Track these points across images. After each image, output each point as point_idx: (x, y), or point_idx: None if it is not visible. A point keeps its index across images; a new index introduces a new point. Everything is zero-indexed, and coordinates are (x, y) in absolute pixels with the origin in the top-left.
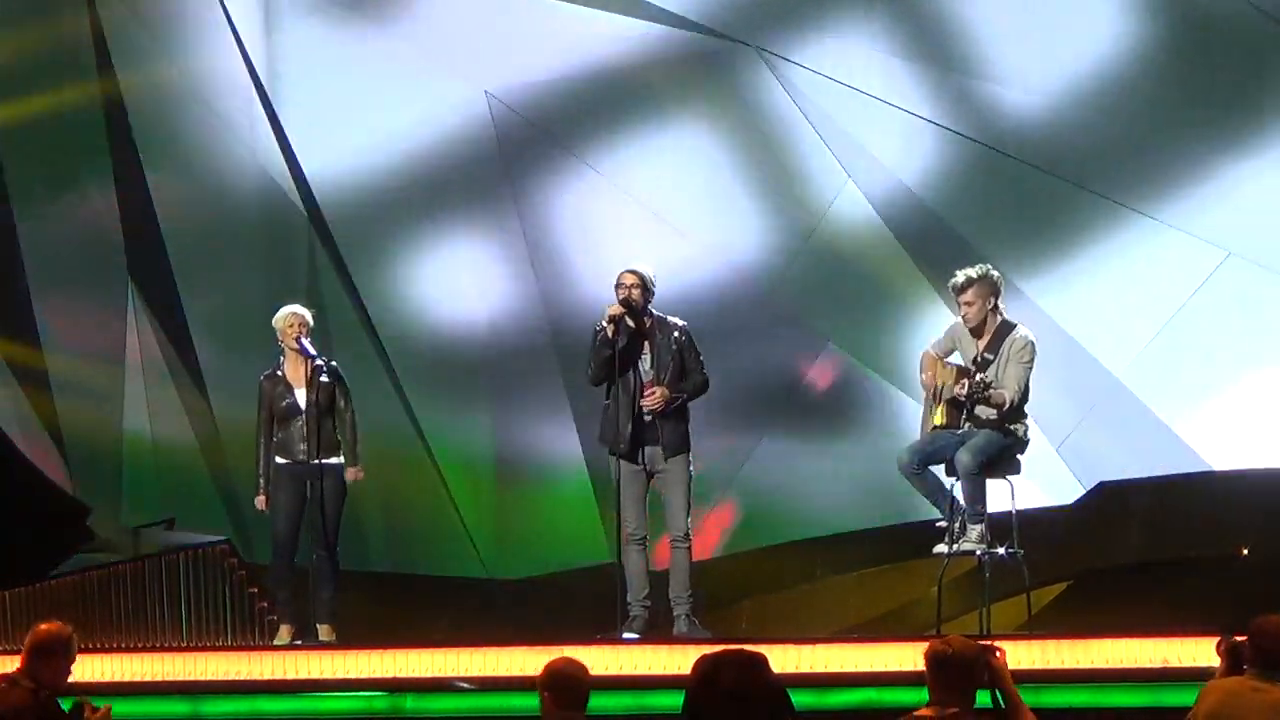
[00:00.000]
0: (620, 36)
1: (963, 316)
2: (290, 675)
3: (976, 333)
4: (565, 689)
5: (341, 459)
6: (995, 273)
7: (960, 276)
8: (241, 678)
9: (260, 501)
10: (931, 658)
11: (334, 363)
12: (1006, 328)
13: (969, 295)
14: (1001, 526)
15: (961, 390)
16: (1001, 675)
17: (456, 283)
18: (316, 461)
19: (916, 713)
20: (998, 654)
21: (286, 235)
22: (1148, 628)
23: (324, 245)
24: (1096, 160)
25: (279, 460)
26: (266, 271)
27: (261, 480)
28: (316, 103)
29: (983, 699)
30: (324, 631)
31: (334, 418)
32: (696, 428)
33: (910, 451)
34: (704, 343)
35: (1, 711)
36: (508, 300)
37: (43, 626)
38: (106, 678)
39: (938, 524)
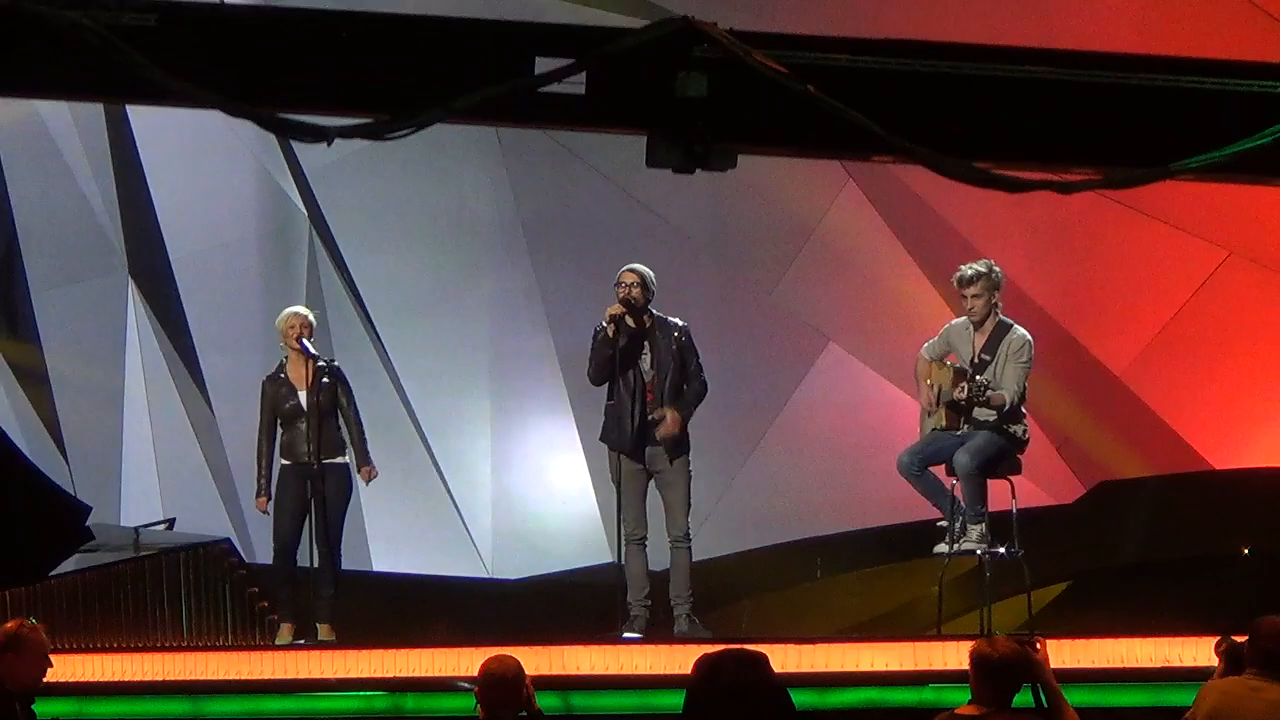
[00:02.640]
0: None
1: (969, 309)
2: (291, 675)
3: (979, 326)
4: (494, 689)
5: (345, 459)
6: (998, 270)
7: (968, 270)
8: (242, 677)
9: (261, 504)
10: (975, 658)
11: (335, 363)
12: (1004, 328)
13: (976, 289)
14: (1002, 526)
15: (961, 394)
16: (1042, 668)
17: (456, 282)
18: (319, 463)
19: (957, 710)
20: (1038, 646)
21: (286, 235)
22: (1148, 627)
23: (324, 245)
24: None
25: (284, 461)
26: (266, 271)
27: (262, 482)
28: None
29: (1021, 699)
30: (323, 631)
31: (337, 418)
32: (697, 427)
33: (910, 453)
34: (704, 343)
35: None
36: (508, 299)
37: (9, 625)
38: (107, 677)
39: (938, 524)
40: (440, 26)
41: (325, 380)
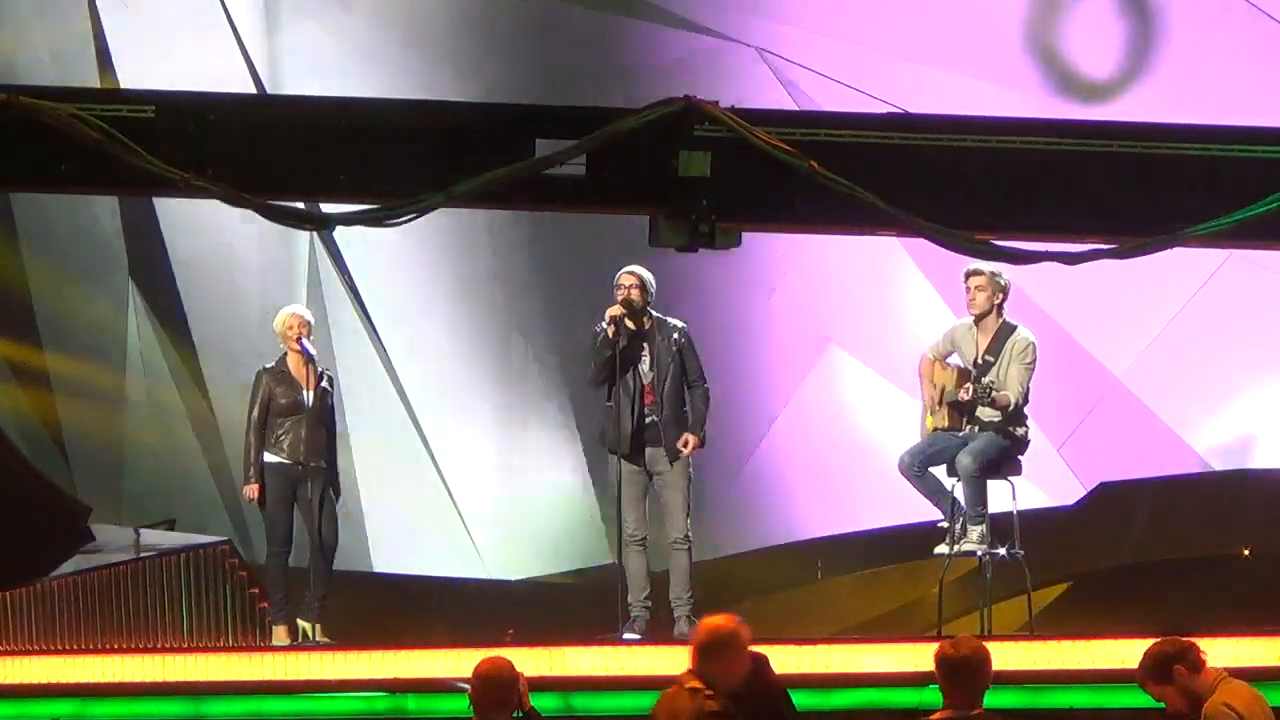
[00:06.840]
0: (621, 36)
1: (970, 300)
2: (291, 676)
3: (980, 321)
4: (487, 690)
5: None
6: (1004, 276)
7: (976, 264)
8: (242, 678)
9: (250, 491)
10: (940, 661)
11: (327, 370)
12: (1007, 329)
13: (980, 280)
14: (1002, 527)
15: (965, 394)
16: None
17: (456, 281)
18: (311, 464)
19: (933, 717)
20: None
21: (287, 236)
22: (1148, 628)
23: (324, 245)
24: None
25: (272, 458)
26: (266, 271)
27: (252, 471)
28: None
29: (991, 700)
30: (315, 631)
31: (325, 425)
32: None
33: (911, 454)
34: (705, 344)
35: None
36: (508, 299)
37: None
38: (107, 678)
39: (939, 525)
40: (439, 111)
41: (324, 384)
